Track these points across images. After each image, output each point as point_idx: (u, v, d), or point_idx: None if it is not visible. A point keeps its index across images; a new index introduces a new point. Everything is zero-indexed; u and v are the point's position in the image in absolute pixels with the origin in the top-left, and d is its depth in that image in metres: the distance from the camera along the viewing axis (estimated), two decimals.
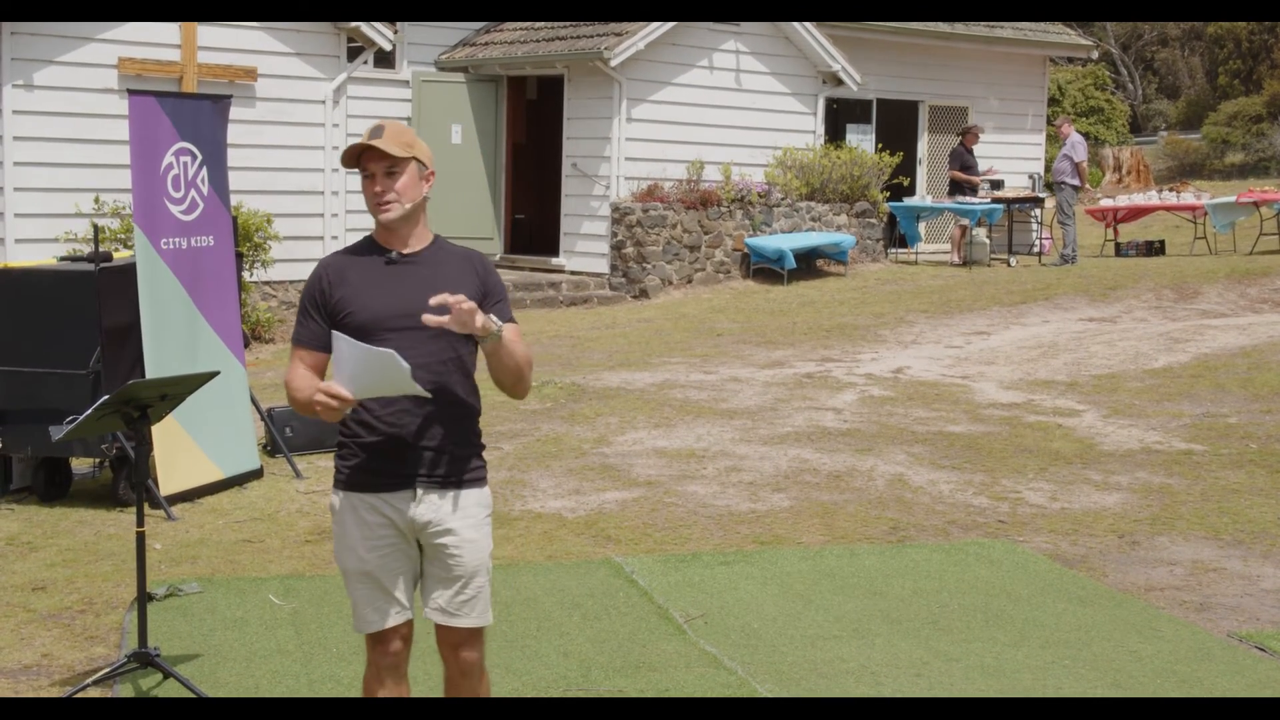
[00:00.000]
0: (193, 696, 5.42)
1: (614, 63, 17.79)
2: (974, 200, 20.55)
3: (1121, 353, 13.26)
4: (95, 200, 14.68)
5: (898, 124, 22.52)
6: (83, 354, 8.26)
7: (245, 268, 14.34)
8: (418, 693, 4.88)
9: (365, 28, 16.54)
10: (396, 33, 17.72)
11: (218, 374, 5.97)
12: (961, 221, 20.61)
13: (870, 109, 22.11)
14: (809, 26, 19.46)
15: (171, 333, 8.47)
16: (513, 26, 19.34)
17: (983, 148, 21.56)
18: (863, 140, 21.60)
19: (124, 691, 5.61)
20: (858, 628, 6.36)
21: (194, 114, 8.72)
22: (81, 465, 9.23)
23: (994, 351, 13.71)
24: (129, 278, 8.38)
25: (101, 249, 8.77)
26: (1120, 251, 21.49)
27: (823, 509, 8.34)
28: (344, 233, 16.77)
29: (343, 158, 4.23)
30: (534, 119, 20.51)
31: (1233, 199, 21.50)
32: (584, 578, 7.06)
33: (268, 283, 15.89)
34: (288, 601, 6.68)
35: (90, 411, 5.43)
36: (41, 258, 11.37)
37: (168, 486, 8.41)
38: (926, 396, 11.52)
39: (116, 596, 6.78)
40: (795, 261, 18.68)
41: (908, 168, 22.34)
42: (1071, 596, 6.80)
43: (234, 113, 9.22)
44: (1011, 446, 9.83)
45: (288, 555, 7.49)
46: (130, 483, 8.33)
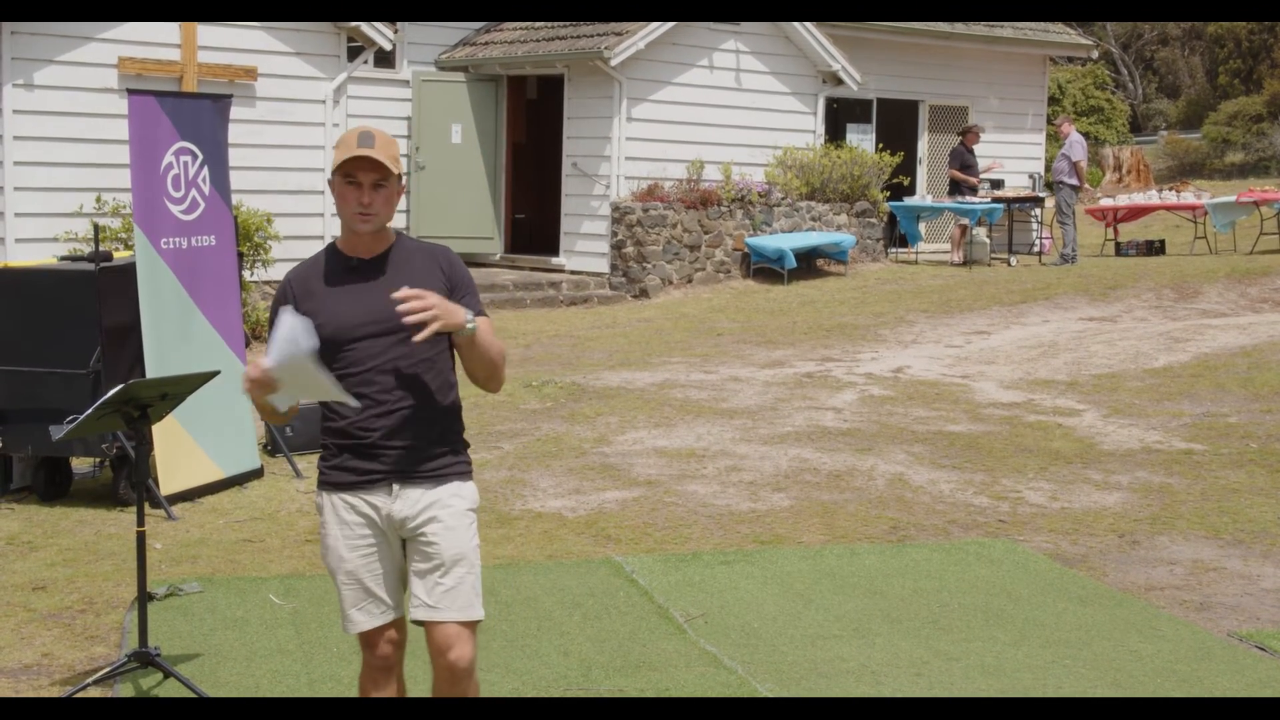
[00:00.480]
0: (193, 696, 5.42)
1: (614, 62, 17.79)
2: (974, 200, 20.55)
3: (1122, 352, 13.25)
4: (97, 199, 14.69)
5: (898, 123, 22.52)
6: (83, 353, 8.26)
7: (245, 267, 14.34)
8: (418, 693, 4.88)
9: (365, 27, 16.54)
10: (396, 32, 17.72)
11: (218, 373, 5.97)
12: (961, 221, 20.61)
13: (870, 108, 22.11)
14: (809, 26, 19.46)
15: (171, 332, 8.47)
16: (513, 26, 19.34)
17: (983, 147, 21.56)
18: (863, 140, 21.60)
19: (124, 691, 5.61)
20: (858, 627, 6.36)
21: (194, 113, 8.72)
22: (82, 465, 9.23)
23: (994, 351, 13.71)
24: (129, 277, 8.38)
25: (102, 248, 8.77)
26: (1120, 251, 21.49)
27: (823, 508, 8.34)
28: None
29: (339, 163, 4.10)
30: (534, 118, 20.51)
31: (1233, 198, 21.50)
32: (584, 577, 7.06)
33: (268, 282, 15.89)
34: (288, 601, 6.68)
35: (90, 411, 5.43)
36: (42, 257, 11.37)
37: (168, 486, 8.41)
38: (927, 396, 11.52)
39: (117, 596, 6.78)
40: (795, 261, 18.68)
41: (908, 167, 22.33)
42: (1072, 596, 6.80)
43: (234, 112, 9.22)
44: (1012, 446, 9.83)
45: (288, 555, 7.49)
46: (130, 482, 8.33)
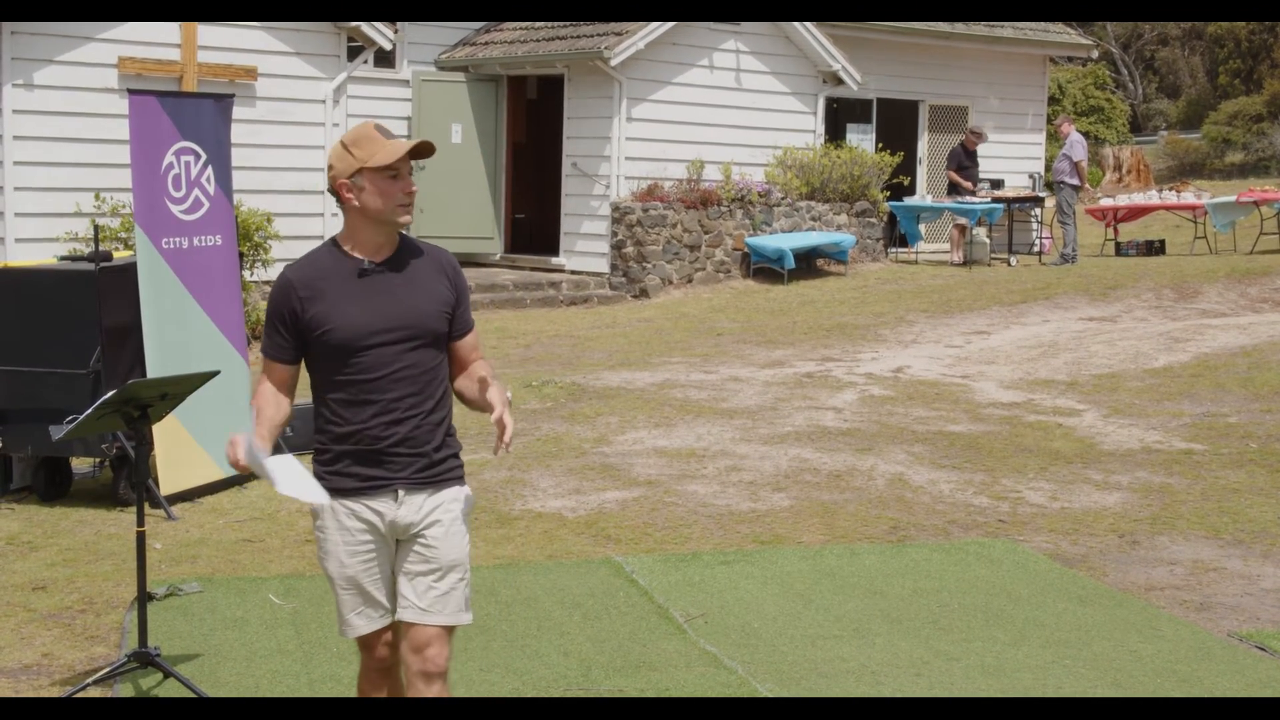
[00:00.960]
0: (193, 696, 5.42)
1: (614, 62, 17.79)
2: (974, 200, 20.54)
3: (1122, 352, 13.25)
4: (96, 197, 14.68)
5: (898, 123, 22.51)
6: (83, 353, 8.26)
7: (245, 267, 14.35)
8: None
9: (365, 27, 16.54)
10: (397, 32, 17.72)
11: (218, 373, 5.98)
12: (958, 221, 20.60)
13: (870, 108, 22.11)
14: (809, 26, 19.46)
15: (173, 332, 8.47)
16: (513, 26, 19.34)
17: (983, 147, 21.54)
18: (863, 140, 21.59)
19: (124, 691, 5.61)
20: (858, 627, 6.36)
21: (195, 113, 8.72)
22: (82, 465, 9.23)
23: (994, 351, 13.71)
24: (129, 277, 8.38)
25: (102, 248, 8.78)
26: (1120, 251, 21.48)
27: (823, 508, 8.34)
28: None
29: (382, 162, 4.03)
30: (534, 118, 20.51)
31: (1233, 198, 21.49)
32: (584, 577, 7.06)
33: (268, 282, 15.88)
34: (288, 601, 6.68)
35: (90, 411, 5.43)
36: (42, 257, 11.37)
37: (168, 486, 8.41)
38: (927, 396, 11.52)
39: (117, 596, 6.78)
40: (795, 261, 18.68)
41: (908, 167, 22.33)
42: (1072, 596, 6.80)
43: (234, 112, 9.21)
44: (1012, 446, 9.83)
45: (288, 555, 7.49)
46: (130, 482, 8.33)
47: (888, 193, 21.04)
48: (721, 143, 19.19)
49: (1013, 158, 23.48)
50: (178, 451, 8.49)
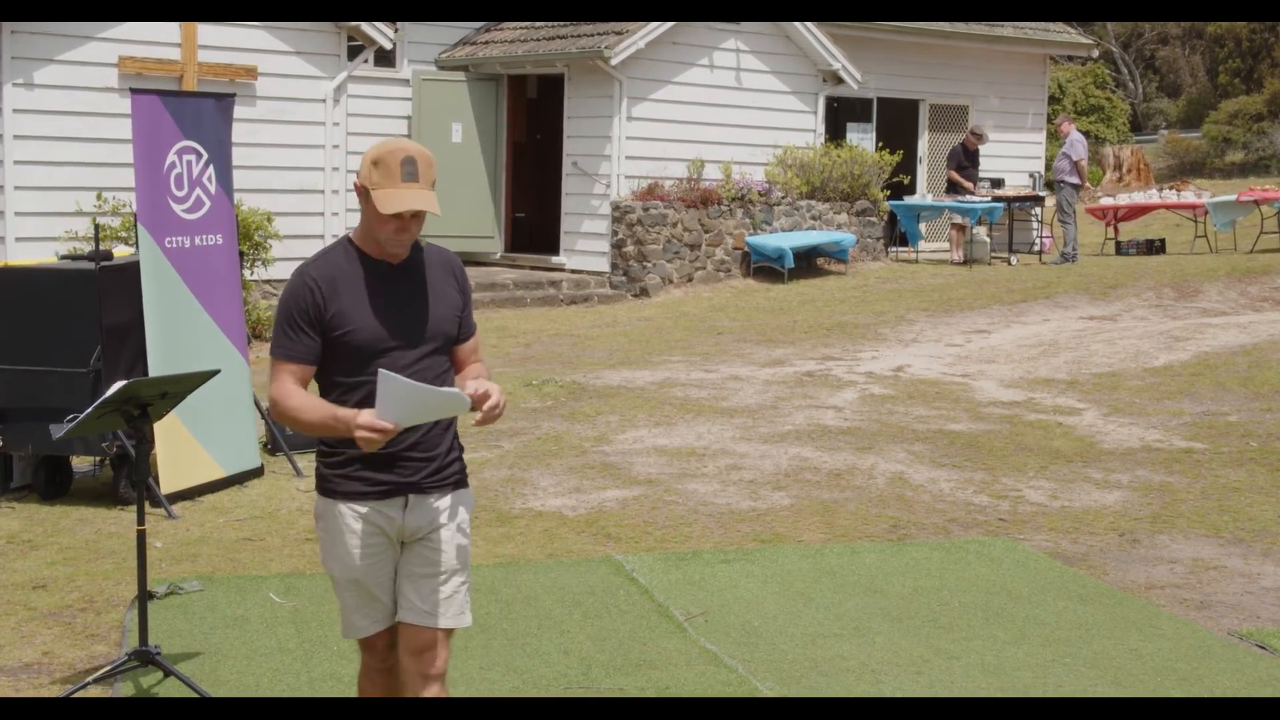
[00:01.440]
0: (193, 695, 5.42)
1: (614, 61, 17.79)
2: (974, 199, 20.54)
3: (1122, 351, 13.26)
4: (98, 197, 14.69)
5: (898, 122, 22.51)
6: (83, 352, 8.26)
7: (245, 266, 14.35)
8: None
9: (366, 26, 16.54)
10: (397, 31, 17.72)
11: (218, 372, 5.97)
12: (955, 220, 20.59)
13: (871, 107, 22.11)
14: (809, 25, 19.46)
15: (175, 330, 8.47)
16: (513, 25, 19.35)
17: (983, 146, 21.52)
18: (863, 139, 21.59)
19: (125, 689, 5.61)
20: (858, 626, 6.36)
21: (196, 112, 8.73)
22: (82, 463, 9.23)
23: (994, 350, 13.71)
24: (129, 276, 8.38)
25: (102, 247, 8.78)
26: (1121, 250, 21.48)
27: (823, 507, 8.34)
28: (344, 231, 16.76)
29: (394, 210, 3.93)
30: (534, 117, 20.51)
31: (1233, 197, 21.49)
32: (584, 576, 7.06)
33: (268, 281, 15.89)
34: (288, 600, 6.69)
35: (91, 410, 5.43)
36: (42, 256, 11.38)
37: (168, 484, 8.41)
38: (927, 395, 11.52)
39: (117, 594, 6.78)
40: (795, 260, 18.68)
41: (908, 166, 22.33)
42: (1072, 594, 6.80)
43: (234, 111, 9.22)
44: (1012, 445, 9.84)
45: (288, 553, 7.49)
46: (131, 481, 8.33)
47: (888, 192, 21.04)
48: (722, 142, 19.20)
49: (1013, 157, 23.48)
50: (178, 450, 8.49)
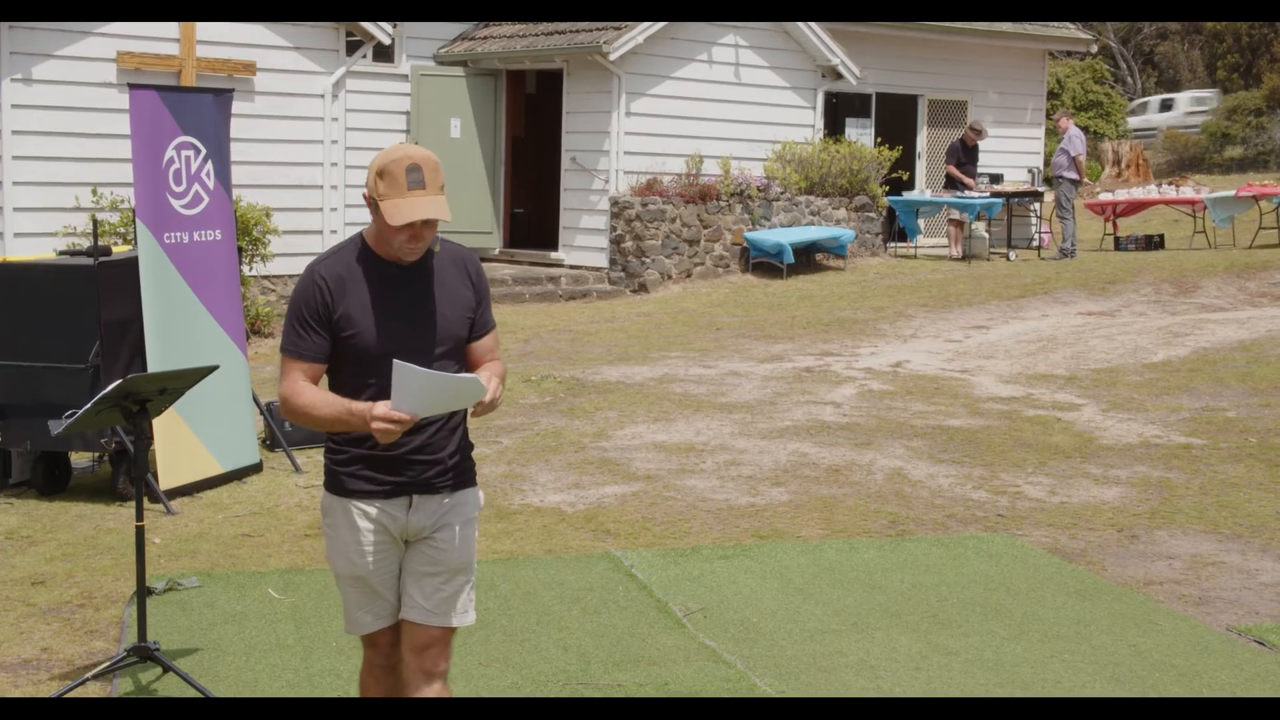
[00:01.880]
0: (192, 691, 5.42)
1: (613, 57, 17.78)
2: (973, 194, 20.54)
3: (1120, 347, 13.26)
4: (94, 192, 14.68)
5: (897, 118, 22.50)
6: (82, 348, 8.26)
7: (244, 262, 14.34)
8: None
9: (364, 22, 16.53)
10: (395, 27, 17.71)
11: (216, 368, 5.96)
12: (953, 216, 20.59)
13: (869, 103, 22.09)
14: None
15: (174, 326, 8.47)
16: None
17: (982, 141, 21.51)
18: (862, 134, 21.58)
19: (123, 686, 5.61)
20: (857, 621, 6.37)
21: (195, 108, 8.72)
22: (81, 459, 9.23)
23: (993, 345, 13.71)
24: (128, 272, 8.37)
25: (101, 243, 8.77)
26: (1119, 245, 21.48)
27: (822, 503, 8.35)
28: (343, 226, 16.80)
29: (403, 221, 3.91)
30: (533, 113, 20.50)
31: (1232, 193, 21.49)
32: (583, 572, 7.06)
33: (266, 277, 15.89)
34: (287, 596, 6.69)
35: (89, 406, 5.42)
36: (41, 252, 11.37)
37: (167, 481, 8.41)
38: (925, 390, 11.52)
39: (116, 591, 6.78)
40: (794, 256, 18.67)
41: (907, 162, 22.32)
42: (1070, 590, 6.81)
43: (233, 107, 9.21)
44: (1010, 440, 9.84)
45: (287, 549, 7.49)
46: (129, 477, 8.33)
47: (887, 187, 21.03)
48: (720, 137, 19.19)
49: (1012, 152, 23.47)
50: (177, 446, 8.48)
